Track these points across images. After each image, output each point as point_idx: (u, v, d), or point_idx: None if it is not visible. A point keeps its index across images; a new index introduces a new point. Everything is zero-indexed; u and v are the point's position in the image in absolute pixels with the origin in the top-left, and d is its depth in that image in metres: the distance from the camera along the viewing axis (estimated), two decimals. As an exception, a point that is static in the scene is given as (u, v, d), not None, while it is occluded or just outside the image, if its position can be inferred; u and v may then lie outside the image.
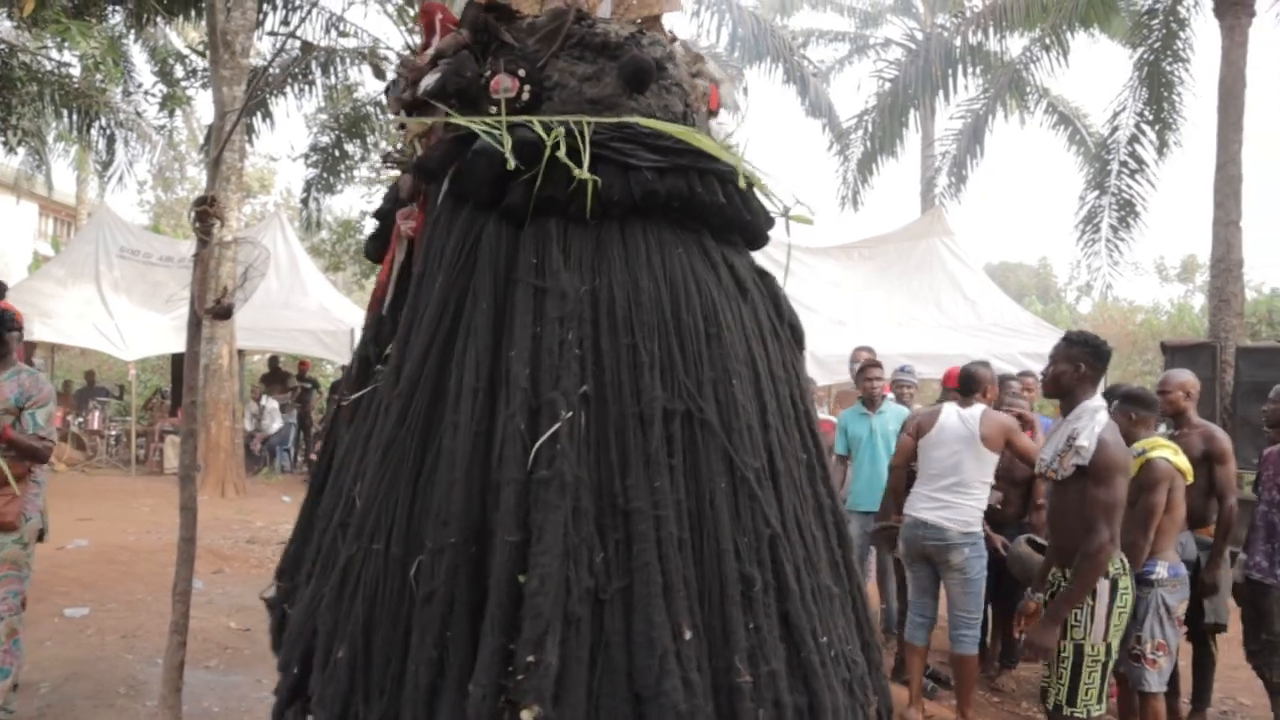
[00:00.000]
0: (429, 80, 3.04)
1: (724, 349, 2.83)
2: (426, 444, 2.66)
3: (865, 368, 6.72)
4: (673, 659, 2.38)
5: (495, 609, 2.41)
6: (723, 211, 3.11)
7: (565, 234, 2.92)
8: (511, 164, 2.82)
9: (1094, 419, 3.75)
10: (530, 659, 2.32)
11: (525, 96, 3.02)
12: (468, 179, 2.94)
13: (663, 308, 2.83)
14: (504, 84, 3.00)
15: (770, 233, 3.46)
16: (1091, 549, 3.64)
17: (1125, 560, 3.85)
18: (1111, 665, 3.83)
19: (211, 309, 3.71)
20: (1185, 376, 5.35)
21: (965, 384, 5.34)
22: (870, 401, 6.61)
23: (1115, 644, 3.81)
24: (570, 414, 2.59)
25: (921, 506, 5.17)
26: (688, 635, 2.44)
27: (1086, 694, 3.78)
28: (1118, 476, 3.67)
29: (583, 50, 3.11)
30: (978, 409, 5.20)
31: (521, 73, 3.03)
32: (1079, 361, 3.85)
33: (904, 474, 5.47)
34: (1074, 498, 3.78)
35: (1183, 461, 4.46)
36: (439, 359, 2.75)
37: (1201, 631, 5.22)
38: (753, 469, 2.71)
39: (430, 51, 3.16)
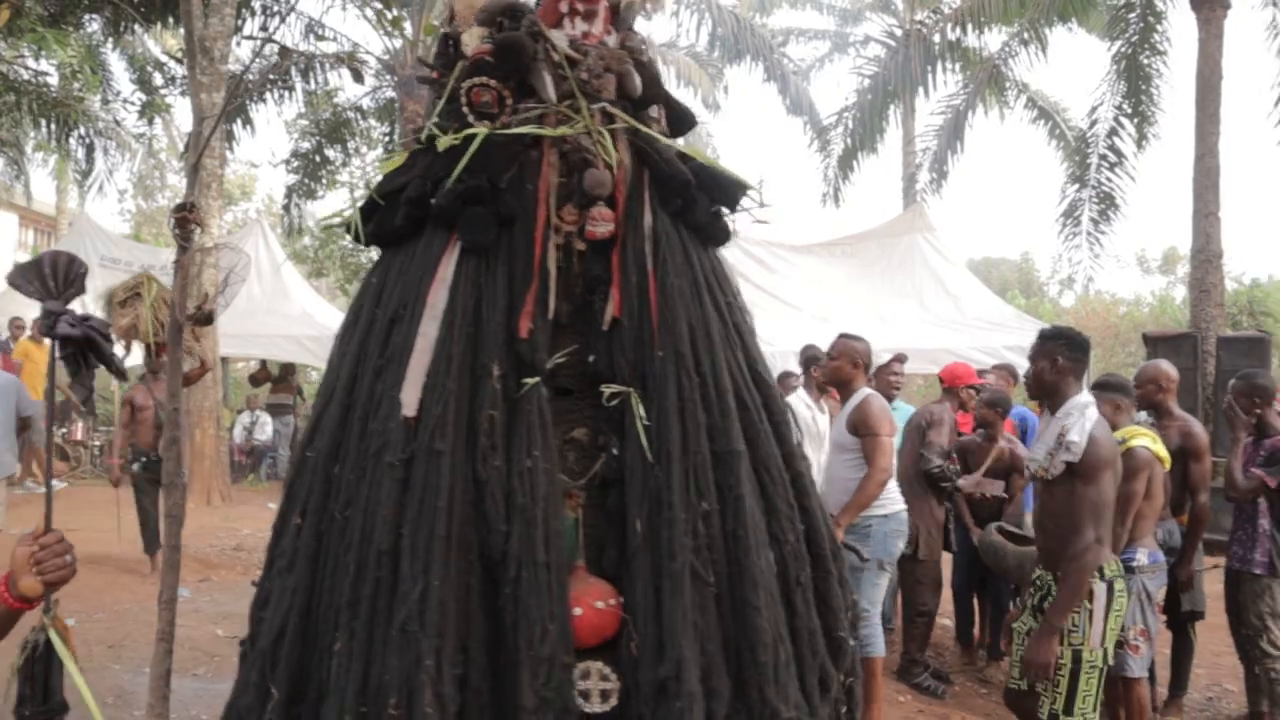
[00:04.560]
0: (639, 80, 2.99)
1: None
2: None
3: (890, 362, 6.62)
4: None
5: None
6: None
7: (723, 260, 3.22)
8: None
9: (1084, 415, 3.67)
10: None
11: (663, 122, 3.12)
12: (702, 203, 3.04)
13: None
14: (654, 107, 3.10)
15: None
16: (1078, 550, 3.55)
17: (1120, 562, 3.80)
18: (1105, 670, 3.72)
19: (193, 315, 3.71)
20: (1159, 369, 5.32)
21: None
22: (887, 397, 6.54)
23: (1111, 648, 3.72)
24: None
25: (903, 502, 5.10)
26: None
27: (1084, 702, 3.60)
28: (1105, 474, 3.61)
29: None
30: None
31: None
32: (1054, 355, 3.80)
33: None
34: (1063, 498, 3.68)
35: (1161, 449, 4.50)
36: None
37: (1180, 620, 5.27)
38: None
39: (614, 40, 3.08)
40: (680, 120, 3.29)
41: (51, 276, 2.25)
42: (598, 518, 2.75)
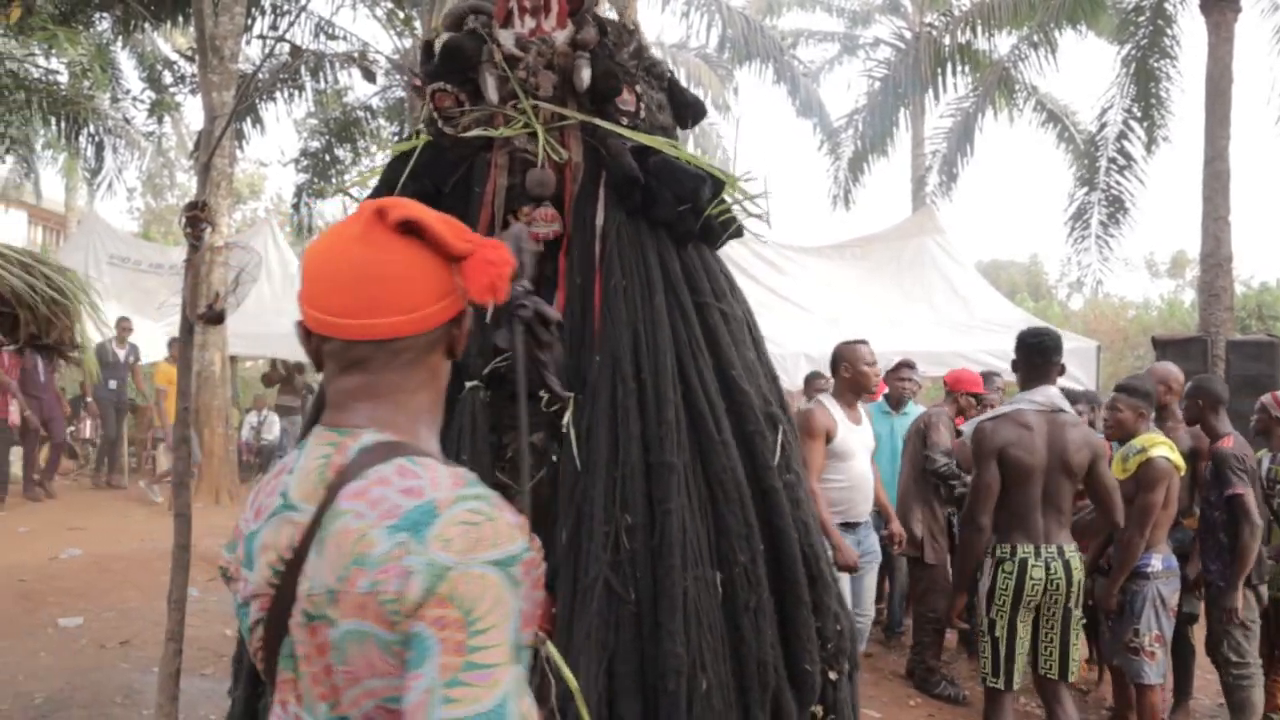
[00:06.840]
0: (586, 74, 2.83)
1: None
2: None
3: (898, 367, 6.62)
4: None
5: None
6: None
7: (708, 258, 3.04)
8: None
9: (990, 411, 4.20)
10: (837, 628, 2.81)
11: (642, 114, 2.92)
12: (664, 199, 2.83)
13: None
14: (626, 98, 2.89)
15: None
16: (959, 528, 4.02)
17: (1022, 546, 3.91)
18: (1005, 643, 3.93)
19: (204, 314, 3.70)
20: (1167, 370, 5.27)
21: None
22: (898, 401, 6.55)
23: (1002, 623, 3.92)
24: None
25: None
26: None
27: (981, 664, 4.06)
28: (983, 463, 3.96)
29: (650, 76, 3.06)
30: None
31: (639, 89, 2.93)
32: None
33: None
34: None
35: (1178, 458, 4.47)
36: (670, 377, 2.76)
37: (1179, 623, 5.21)
38: None
39: (564, 35, 2.90)
40: (687, 110, 3.22)
41: (529, 252, 1.93)
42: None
